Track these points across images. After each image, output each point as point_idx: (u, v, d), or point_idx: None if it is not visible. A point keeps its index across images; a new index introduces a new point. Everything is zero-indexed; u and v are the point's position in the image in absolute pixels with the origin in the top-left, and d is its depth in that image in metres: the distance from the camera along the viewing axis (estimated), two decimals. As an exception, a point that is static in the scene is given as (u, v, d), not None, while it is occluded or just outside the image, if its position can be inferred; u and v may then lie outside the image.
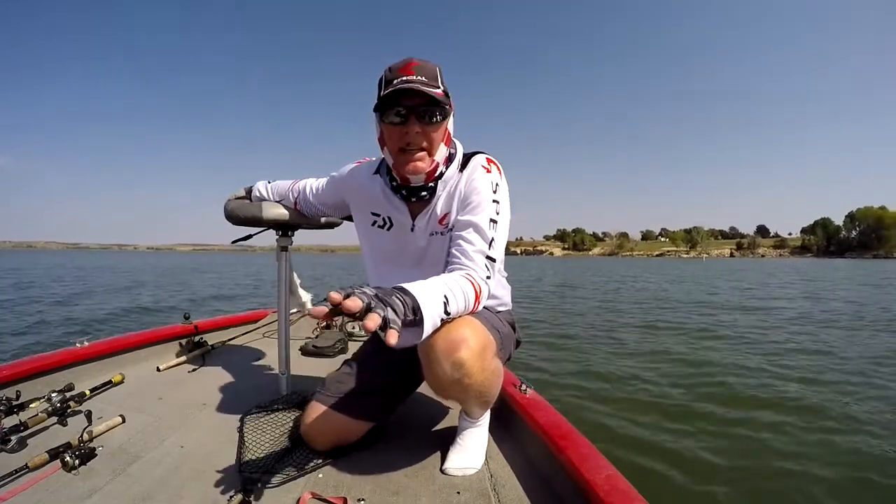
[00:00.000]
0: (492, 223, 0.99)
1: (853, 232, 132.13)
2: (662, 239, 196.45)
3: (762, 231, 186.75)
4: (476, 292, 0.91)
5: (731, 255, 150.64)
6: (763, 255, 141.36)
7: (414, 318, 0.75)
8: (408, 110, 0.94)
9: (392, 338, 0.66)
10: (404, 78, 0.92)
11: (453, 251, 0.98)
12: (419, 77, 0.93)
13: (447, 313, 0.82)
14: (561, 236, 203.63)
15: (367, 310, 0.67)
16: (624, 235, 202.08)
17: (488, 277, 0.96)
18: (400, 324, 0.70)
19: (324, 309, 0.67)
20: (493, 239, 0.98)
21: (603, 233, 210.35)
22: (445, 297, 0.82)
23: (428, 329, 0.77)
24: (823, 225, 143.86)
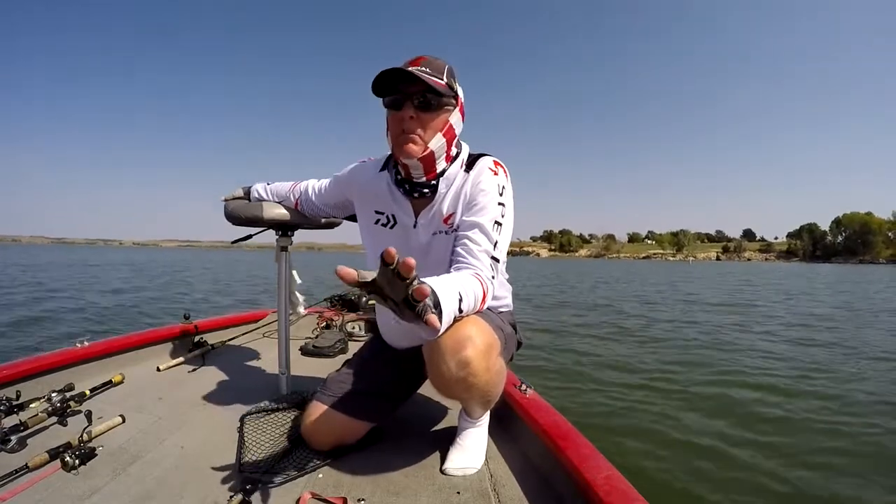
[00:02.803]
0: (496, 225, 1.00)
1: (839, 237, 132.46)
2: (649, 241, 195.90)
3: (748, 235, 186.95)
4: (483, 292, 0.91)
5: (718, 258, 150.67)
6: (749, 259, 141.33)
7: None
8: (404, 95, 0.98)
9: (435, 322, 0.64)
10: (410, 68, 0.96)
11: (458, 250, 0.98)
12: (424, 68, 0.97)
13: (460, 311, 0.81)
14: (548, 237, 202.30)
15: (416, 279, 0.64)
16: (610, 237, 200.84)
17: (493, 278, 0.97)
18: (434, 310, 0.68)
19: (352, 272, 0.62)
20: (497, 241, 0.99)
21: (589, 234, 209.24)
22: (460, 294, 0.81)
23: (444, 326, 0.77)
24: (810, 230, 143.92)
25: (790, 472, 2.00)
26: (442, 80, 0.98)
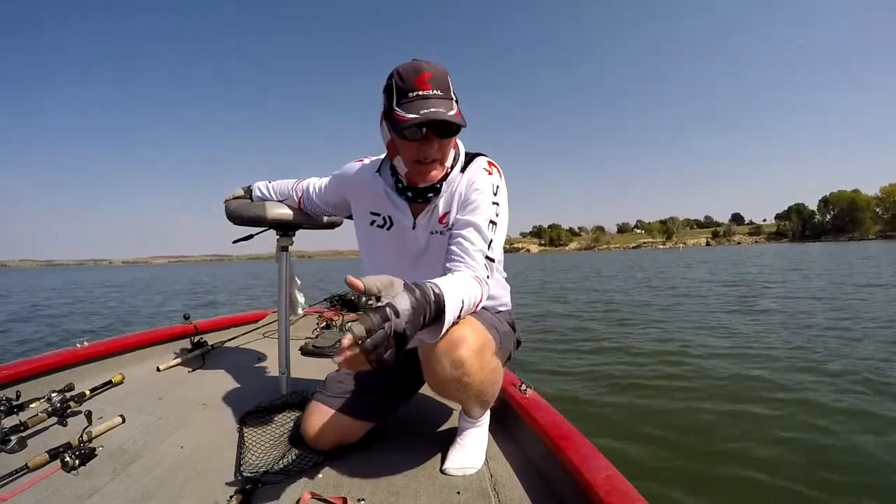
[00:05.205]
0: (491, 224, 1.00)
1: (827, 216, 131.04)
2: (638, 231, 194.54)
3: (737, 219, 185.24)
4: (481, 295, 0.92)
5: (707, 243, 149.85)
6: (739, 243, 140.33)
7: (433, 322, 0.77)
8: (427, 128, 0.93)
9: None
10: (420, 93, 0.91)
11: (453, 249, 0.98)
12: (435, 91, 0.92)
13: (459, 316, 0.83)
14: (537, 233, 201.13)
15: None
16: (600, 229, 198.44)
17: (488, 277, 0.97)
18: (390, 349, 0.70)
19: (360, 283, 0.71)
20: (492, 240, 0.99)
21: (579, 227, 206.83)
22: (462, 300, 0.83)
23: (443, 332, 0.79)
24: (798, 210, 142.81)
25: (793, 472, 2.00)
26: (453, 99, 0.95)
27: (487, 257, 0.98)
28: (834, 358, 3.75)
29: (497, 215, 1.02)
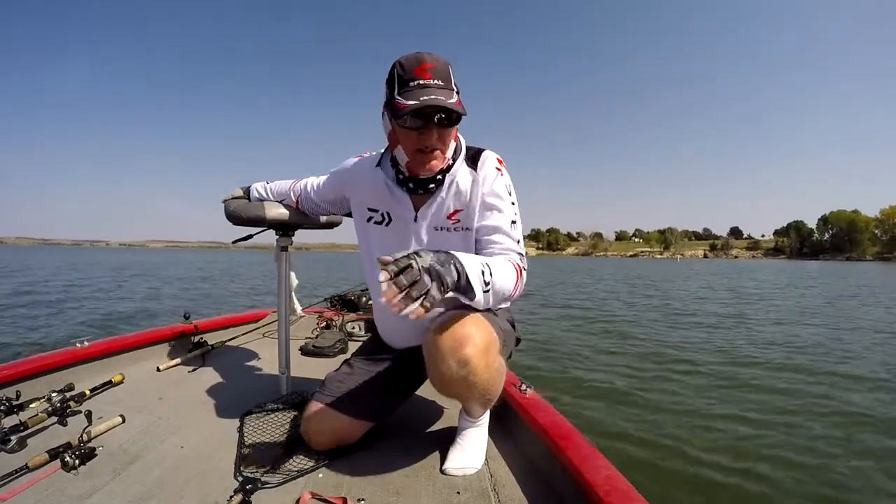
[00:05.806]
0: (513, 224, 1.06)
1: (826, 235, 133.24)
2: (636, 239, 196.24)
3: (735, 233, 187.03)
4: (517, 271, 0.97)
5: (705, 255, 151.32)
6: (736, 257, 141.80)
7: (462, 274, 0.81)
8: (427, 117, 0.94)
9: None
10: (421, 82, 0.92)
11: (487, 254, 1.03)
12: (436, 81, 0.92)
13: (486, 283, 0.86)
14: (535, 236, 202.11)
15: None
16: (598, 235, 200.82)
17: (524, 269, 1.02)
18: (439, 298, 0.76)
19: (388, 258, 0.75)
20: (518, 239, 1.06)
21: (577, 233, 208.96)
22: (485, 263, 0.88)
23: (478, 294, 0.84)
24: (797, 227, 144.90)
25: (793, 473, 2.00)
26: (454, 90, 0.95)
27: (519, 253, 1.04)
28: (836, 367, 3.76)
29: (516, 213, 1.07)
